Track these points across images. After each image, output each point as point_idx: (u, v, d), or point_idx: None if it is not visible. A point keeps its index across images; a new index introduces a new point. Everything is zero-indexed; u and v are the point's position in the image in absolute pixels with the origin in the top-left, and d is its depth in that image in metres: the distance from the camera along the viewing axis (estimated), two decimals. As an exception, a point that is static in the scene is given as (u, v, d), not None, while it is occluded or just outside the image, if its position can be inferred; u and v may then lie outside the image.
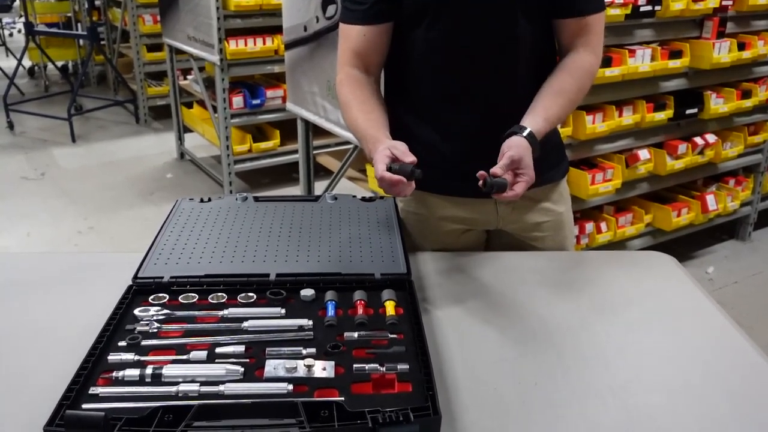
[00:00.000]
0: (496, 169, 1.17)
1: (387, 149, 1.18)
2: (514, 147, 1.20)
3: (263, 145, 4.28)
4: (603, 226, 3.00)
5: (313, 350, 1.03)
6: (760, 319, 2.96)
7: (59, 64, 6.92)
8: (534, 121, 1.27)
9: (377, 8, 1.36)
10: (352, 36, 1.39)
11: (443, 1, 1.31)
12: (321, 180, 3.38)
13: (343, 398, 0.92)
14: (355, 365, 0.99)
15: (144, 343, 1.05)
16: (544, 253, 1.51)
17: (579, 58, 1.35)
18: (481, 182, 1.15)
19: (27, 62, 7.17)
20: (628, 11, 2.59)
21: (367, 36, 1.38)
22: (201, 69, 4.46)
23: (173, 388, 0.94)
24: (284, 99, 4.00)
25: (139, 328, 1.08)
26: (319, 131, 3.06)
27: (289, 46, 2.98)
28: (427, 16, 1.34)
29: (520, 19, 1.32)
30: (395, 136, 1.51)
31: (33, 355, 1.09)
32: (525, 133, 1.23)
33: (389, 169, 1.15)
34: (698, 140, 3.11)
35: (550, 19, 1.38)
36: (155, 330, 1.08)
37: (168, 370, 0.97)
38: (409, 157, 1.16)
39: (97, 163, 4.96)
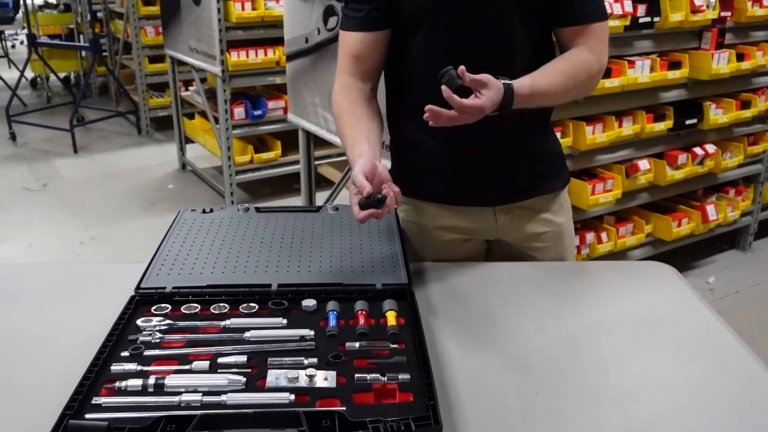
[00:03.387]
0: (463, 70, 1.15)
1: (353, 185, 1.19)
2: (489, 76, 1.19)
3: (265, 155, 4.30)
4: (603, 236, 3.00)
5: (314, 360, 1.03)
6: (761, 328, 2.96)
7: (61, 75, 6.95)
8: (519, 80, 1.25)
9: (373, 15, 1.37)
10: (349, 42, 1.41)
11: (440, 9, 1.33)
12: (322, 191, 3.39)
13: (344, 408, 0.93)
14: (356, 375, 0.99)
15: (147, 353, 1.06)
16: (545, 263, 1.52)
17: (577, 51, 1.35)
18: (444, 70, 1.16)
19: (29, 73, 7.20)
20: (627, 23, 2.61)
21: (364, 43, 1.39)
22: (203, 80, 4.48)
23: (176, 398, 0.94)
24: (285, 110, 4.03)
25: (141, 339, 1.09)
26: (320, 142, 3.07)
27: (290, 57, 3.00)
28: (424, 24, 1.35)
29: (518, 27, 1.33)
30: (396, 144, 1.53)
31: (36, 366, 1.10)
32: (504, 80, 1.21)
33: (362, 206, 1.16)
34: (698, 150, 3.11)
35: (550, 27, 1.39)
36: (158, 340, 1.09)
37: (170, 380, 0.97)
38: (367, 188, 1.15)
39: (99, 174, 4.97)
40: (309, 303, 1.19)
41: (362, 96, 1.40)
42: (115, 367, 1.01)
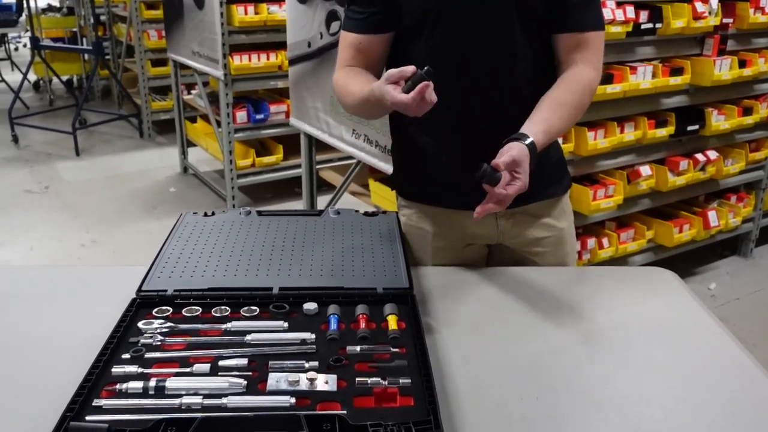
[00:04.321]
0: (498, 162, 1.16)
1: (384, 81, 1.16)
2: (516, 149, 1.19)
3: (266, 159, 4.30)
4: (605, 241, 3.00)
5: (315, 364, 1.03)
6: (762, 335, 2.95)
7: (64, 78, 6.95)
8: (534, 131, 1.25)
9: (375, 18, 1.38)
10: (350, 43, 1.42)
11: (441, 13, 1.33)
12: (324, 194, 3.39)
13: (345, 411, 0.93)
14: (357, 379, 1.00)
15: (147, 355, 1.06)
16: (546, 268, 1.52)
17: (578, 72, 1.35)
18: (479, 170, 1.15)
19: (32, 76, 7.22)
20: (630, 29, 2.61)
21: (365, 45, 1.40)
22: (205, 84, 4.49)
23: (176, 401, 0.94)
24: (287, 114, 4.03)
25: (142, 341, 1.09)
26: (322, 146, 3.08)
27: (292, 61, 3.00)
28: (425, 28, 1.36)
29: (517, 33, 1.34)
30: (398, 148, 1.53)
31: (37, 368, 1.10)
32: (527, 142, 1.22)
33: (406, 91, 1.13)
34: (699, 157, 3.12)
35: (548, 35, 1.39)
36: (159, 343, 1.09)
37: (171, 383, 0.97)
38: (409, 69, 1.14)
39: (100, 177, 4.98)
40: (310, 306, 1.19)
41: (364, 72, 1.41)
42: (116, 370, 1.01)
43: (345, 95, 1.40)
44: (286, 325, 1.15)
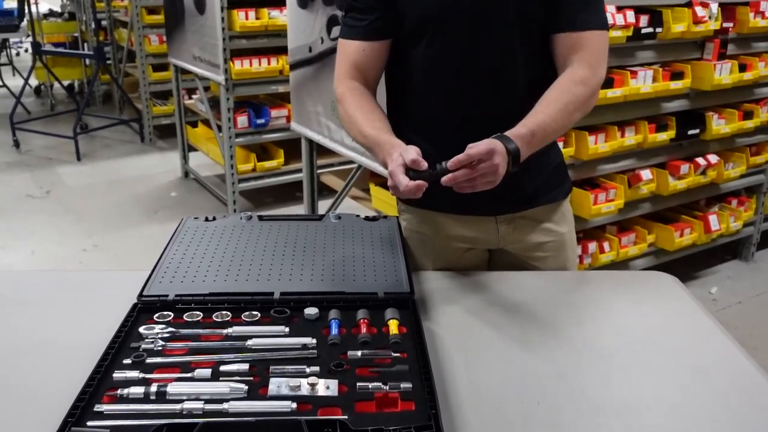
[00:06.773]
0: (450, 163, 1.15)
1: (399, 156, 1.18)
2: (481, 144, 1.16)
3: (267, 164, 4.31)
4: (606, 245, 3.00)
5: (316, 369, 1.03)
6: (764, 339, 2.95)
7: (65, 83, 6.97)
8: (515, 128, 1.22)
9: (377, 25, 1.38)
10: (351, 51, 1.41)
11: (442, 19, 1.33)
12: (325, 199, 3.39)
13: (346, 416, 0.93)
14: (358, 384, 0.99)
15: (149, 360, 1.06)
16: (547, 272, 1.52)
17: (572, 71, 1.32)
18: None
19: (34, 81, 7.23)
20: (630, 33, 2.62)
21: (366, 52, 1.40)
22: (206, 89, 4.49)
23: (177, 406, 0.94)
24: (288, 118, 4.04)
25: (144, 346, 1.09)
26: (323, 151, 3.08)
27: (293, 66, 3.01)
28: (426, 34, 1.35)
29: (518, 37, 1.34)
30: None
31: (38, 373, 1.10)
32: (509, 143, 1.18)
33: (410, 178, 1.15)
34: (700, 161, 3.12)
35: (548, 37, 1.38)
36: (160, 348, 1.09)
37: (172, 388, 0.98)
38: (423, 163, 1.16)
39: (102, 182, 4.98)
40: (311, 311, 1.19)
41: (371, 98, 1.40)
42: (118, 375, 1.01)
43: (349, 124, 1.39)
44: (287, 330, 1.15)
